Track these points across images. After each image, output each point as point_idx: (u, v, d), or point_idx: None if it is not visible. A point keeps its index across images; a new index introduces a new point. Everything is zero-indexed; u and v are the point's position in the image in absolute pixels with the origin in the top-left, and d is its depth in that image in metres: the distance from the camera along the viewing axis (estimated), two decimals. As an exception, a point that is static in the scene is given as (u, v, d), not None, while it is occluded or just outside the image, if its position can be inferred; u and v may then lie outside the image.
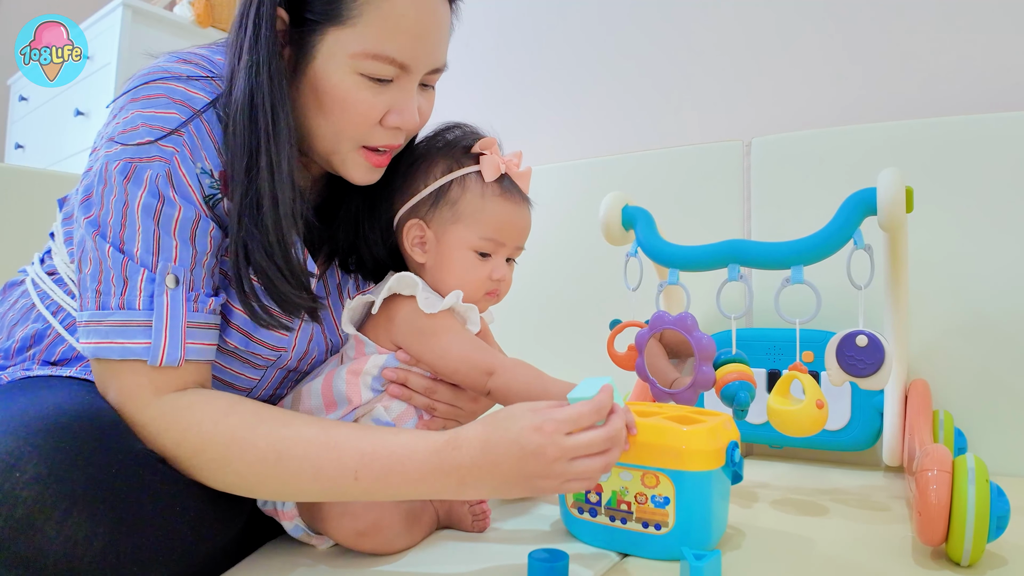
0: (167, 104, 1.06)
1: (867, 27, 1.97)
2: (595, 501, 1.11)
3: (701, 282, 1.46)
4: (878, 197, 1.25)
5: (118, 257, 1.02)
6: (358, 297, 1.26)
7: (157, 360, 1.01)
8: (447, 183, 1.25)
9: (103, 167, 1.05)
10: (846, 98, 1.99)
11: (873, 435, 1.61)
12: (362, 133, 1.14)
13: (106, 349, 1.02)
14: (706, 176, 2.06)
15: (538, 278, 2.12)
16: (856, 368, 1.24)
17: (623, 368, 1.40)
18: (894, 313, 1.45)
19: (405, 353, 1.21)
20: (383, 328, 1.23)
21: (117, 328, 1.02)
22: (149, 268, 1.02)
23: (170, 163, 1.04)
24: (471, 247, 1.24)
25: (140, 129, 1.04)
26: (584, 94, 2.49)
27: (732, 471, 1.09)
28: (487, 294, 1.27)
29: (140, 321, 1.02)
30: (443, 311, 1.20)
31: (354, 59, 1.08)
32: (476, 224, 1.24)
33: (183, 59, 1.12)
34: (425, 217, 1.25)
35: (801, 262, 1.26)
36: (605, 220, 1.54)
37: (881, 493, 1.45)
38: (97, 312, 1.03)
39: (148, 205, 1.03)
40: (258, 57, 1.07)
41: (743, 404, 1.24)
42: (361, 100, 1.10)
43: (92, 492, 0.85)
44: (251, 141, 1.06)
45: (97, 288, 1.03)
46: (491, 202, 1.24)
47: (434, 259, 1.25)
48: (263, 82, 1.06)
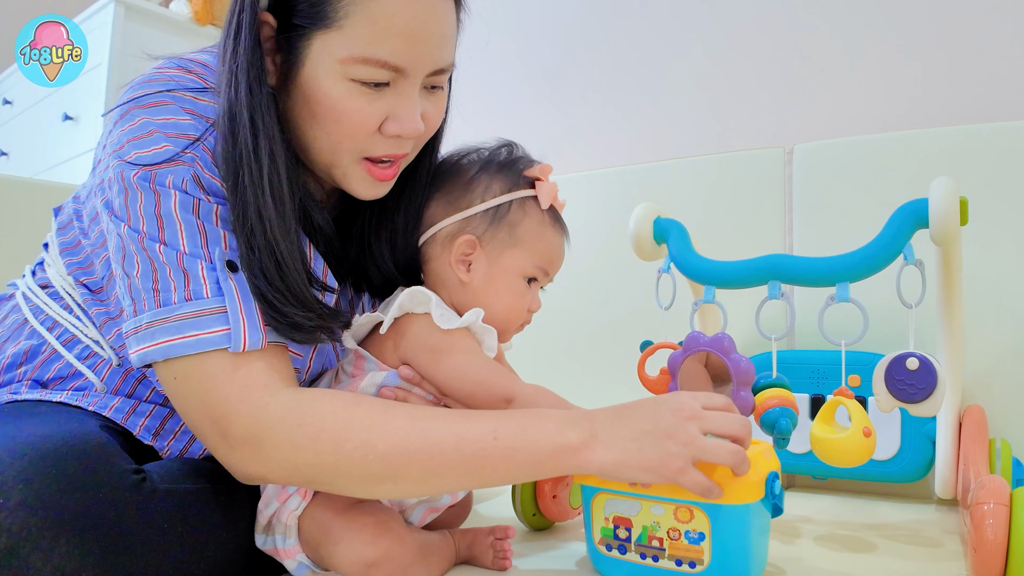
0: (178, 111, 1.09)
1: (921, 26, 1.96)
2: (624, 537, 1.12)
3: (739, 300, 1.45)
4: (930, 208, 1.25)
5: (171, 253, 1.05)
6: (366, 315, 1.26)
7: (240, 345, 1.03)
8: (507, 203, 1.27)
9: (119, 175, 1.07)
10: (897, 102, 1.99)
11: (925, 466, 1.60)
12: (360, 144, 1.14)
13: (180, 345, 1.03)
14: (745, 186, 2.06)
15: (562, 297, 2.11)
16: (906, 393, 1.23)
17: (655, 393, 1.39)
18: (947, 334, 1.44)
19: (410, 370, 1.21)
20: (391, 345, 1.24)
21: (189, 320, 1.04)
22: (204, 258, 1.05)
23: (192, 166, 1.07)
24: (523, 273, 1.27)
25: (155, 135, 1.07)
26: (612, 97, 2.49)
27: (772, 504, 1.08)
28: (521, 325, 1.31)
29: (213, 308, 1.04)
30: (460, 329, 1.21)
31: (344, 64, 1.08)
32: (532, 250, 1.27)
33: (185, 68, 1.14)
34: (480, 235, 1.27)
35: (847, 279, 1.27)
36: (635, 233, 1.55)
37: (933, 528, 1.45)
38: (159, 310, 1.04)
39: (184, 202, 1.06)
40: (236, 66, 1.08)
41: (784, 432, 1.24)
42: (355, 109, 1.10)
43: (80, 519, 0.87)
44: (233, 156, 1.08)
45: (153, 288, 1.05)
46: (548, 230, 1.29)
47: (481, 280, 1.27)
48: (242, 95, 1.08)
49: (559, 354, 2.26)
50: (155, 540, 0.95)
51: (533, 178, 1.29)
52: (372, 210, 1.31)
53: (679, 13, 2.34)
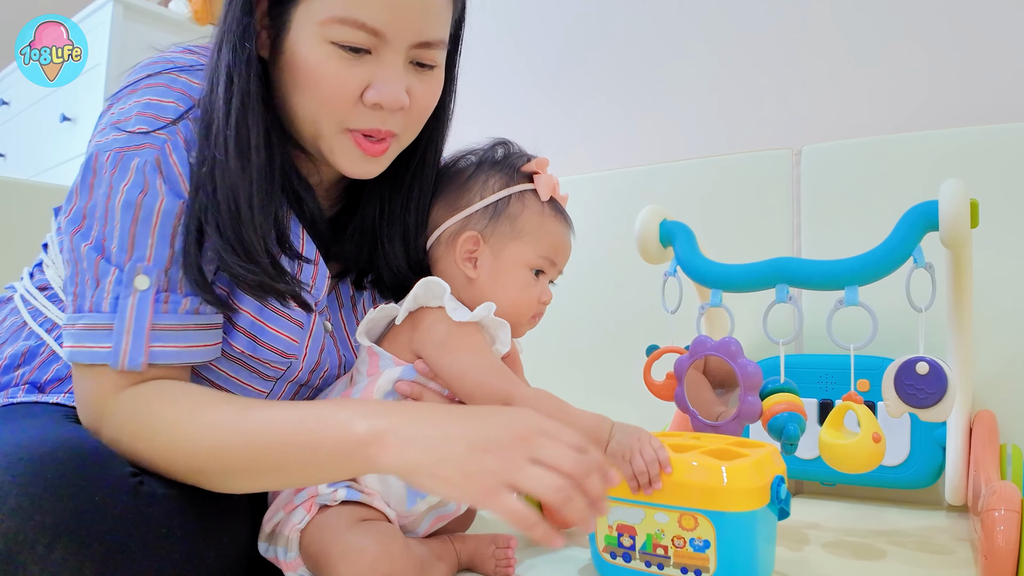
0: (165, 92, 1.11)
1: (932, 25, 1.96)
2: (628, 545, 1.12)
3: (746, 304, 1.45)
4: (940, 211, 1.25)
5: (93, 256, 1.07)
6: (380, 308, 1.27)
7: (118, 364, 1.05)
8: (505, 197, 1.29)
9: (92, 157, 1.09)
10: (907, 102, 1.99)
11: (935, 471, 1.60)
12: (340, 112, 1.14)
13: (78, 353, 1.07)
14: (752, 188, 2.07)
15: (567, 300, 2.12)
16: (916, 398, 1.24)
17: (661, 398, 1.41)
18: (958, 338, 1.45)
19: (424, 364, 1.23)
20: (405, 338, 1.25)
21: (87, 332, 1.06)
22: (121, 268, 1.06)
23: (160, 150, 1.09)
24: (529, 264, 1.29)
25: (134, 118, 1.09)
26: (617, 97, 2.50)
27: (778, 508, 1.09)
28: (533, 317, 1.32)
29: (104, 324, 1.06)
30: (471, 324, 1.22)
31: (323, 26, 1.09)
32: (535, 241, 1.29)
33: (189, 49, 1.18)
34: (482, 231, 1.29)
35: (856, 282, 1.27)
36: (641, 236, 1.55)
37: (943, 535, 1.45)
38: (73, 315, 1.08)
39: (130, 198, 1.07)
40: (224, 28, 1.12)
41: (793, 437, 1.24)
42: (332, 72, 1.11)
43: (77, 523, 0.86)
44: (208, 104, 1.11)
45: (74, 291, 1.08)
46: (550, 220, 1.30)
47: (488, 275, 1.29)
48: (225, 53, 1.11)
49: (563, 358, 2.27)
50: (154, 545, 0.94)
51: (530, 172, 1.32)
52: (381, 209, 1.32)
53: (685, 13, 2.35)
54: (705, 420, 1.33)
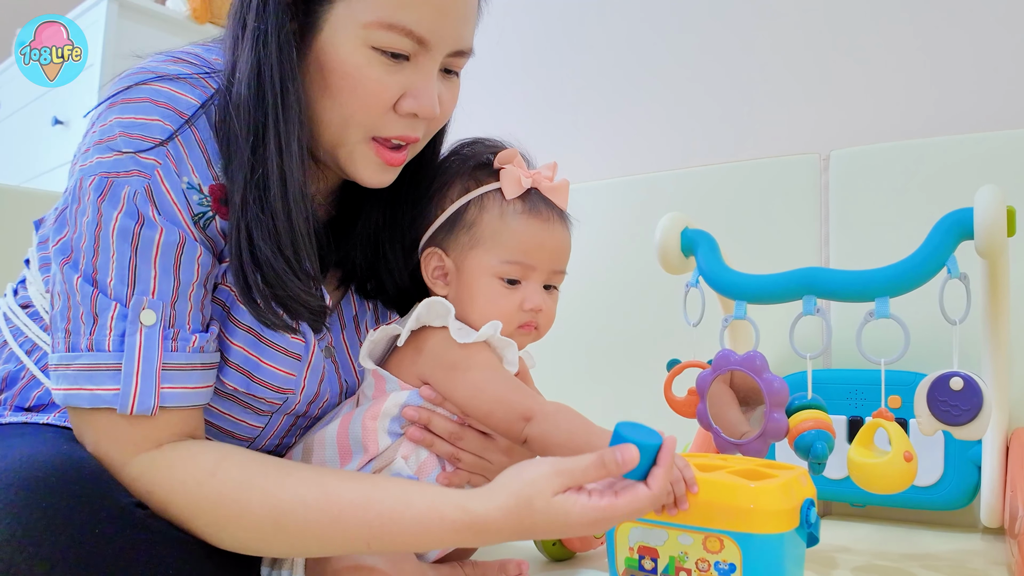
0: (149, 109, 1.06)
1: (968, 23, 1.96)
2: (650, 568, 1.12)
3: (772, 316, 1.45)
4: (975, 218, 1.25)
5: (87, 290, 1.02)
6: (381, 328, 1.26)
7: (127, 408, 1.00)
8: (463, 205, 1.27)
9: (77, 184, 1.05)
10: (940, 104, 1.99)
11: (969, 492, 1.61)
12: (373, 119, 1.13)
13: (75, 396, 1.02)
14: (777, 194, 2.07)
15: (584, 311, 2.12)
16: (950, 415, 1.24)
17: (682, 415, 1.41)
18: (993, 352, 1.44)
19: (431, 390, 1.21)
20: (409, 360, 1.24)
21: (86, 373, 1.02)
22: (123, 302, 1.02)
23: (151, 178, 1.04)
24: (494, 273, 1.25)
25: (118, 139, 1.04)
26: (638, 100, 2.50)
27: (807, 532, 1.09)
28: (521, 327, 1.27)
29: (109, 364, 1.01)
30: (478, 344, 1.21)
31: (367, 29, 1.07)
32: (496, 247, 1.24)
33: (173, 58, 1.13)
34: (443, 245, 1.27)
35: (887, 293, 1.27)
36: (662, 245, 1.56)
37: (979, 559, 1.45)
38: (66, 355, 1.03)
39: (125, 228, 1.03)
40: (266, 25, 1.07)
41: (820, 456, 1.24)
42: (373, 78, 1.10)
43: (74, 555, 0.85)
44: (257, 116, 1.07)
45: (66, 327, 1.03)
46: (514, 221, 1.25)
47: (456, 291, 1.27)
48: (271, 52, 1.07)
49: (581, 372, 2.27)
50: None
51: (498, 168, 1.28)
52: (383, 214, 1.31)
53: (710, 14, 2.35)
54: (729, 438, 1.33)
